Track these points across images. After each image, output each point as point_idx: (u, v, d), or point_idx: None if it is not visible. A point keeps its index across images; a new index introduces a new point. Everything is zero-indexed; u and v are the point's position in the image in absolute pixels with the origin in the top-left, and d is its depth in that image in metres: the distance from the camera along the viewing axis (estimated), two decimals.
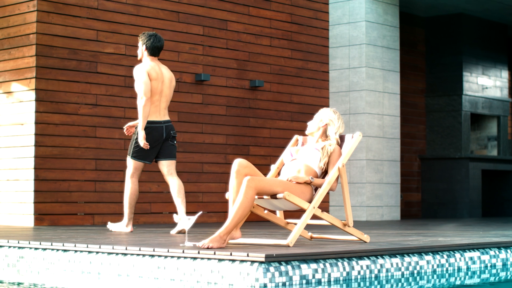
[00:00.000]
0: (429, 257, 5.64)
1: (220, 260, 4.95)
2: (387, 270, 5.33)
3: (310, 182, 5.82)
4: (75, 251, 5.72)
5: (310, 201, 5.82)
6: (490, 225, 9.78)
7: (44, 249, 5.92)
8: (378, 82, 11.89)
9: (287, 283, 4.78)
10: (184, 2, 10.46)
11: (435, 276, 5.58)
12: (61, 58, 9.36)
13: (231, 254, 4.90)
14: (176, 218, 5.86)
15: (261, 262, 4.76)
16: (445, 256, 5.75)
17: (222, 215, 10.44)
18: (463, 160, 13.39)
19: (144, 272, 5.25)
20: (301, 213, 5.80)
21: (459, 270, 5.81)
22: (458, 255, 5.84)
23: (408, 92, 13.64)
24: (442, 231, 8.15)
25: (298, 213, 6.11)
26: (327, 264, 5.03)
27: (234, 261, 4.88)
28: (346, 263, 5.13)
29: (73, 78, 9.44)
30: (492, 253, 6.11)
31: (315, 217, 5.84)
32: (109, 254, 5.52)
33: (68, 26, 9.42)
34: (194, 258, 5.08)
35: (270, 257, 4.77)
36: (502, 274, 5.93)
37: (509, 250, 6.25)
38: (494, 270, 5.99)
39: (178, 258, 5.15)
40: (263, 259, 4.74)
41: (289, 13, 11.60)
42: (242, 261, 4.84)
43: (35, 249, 5.96)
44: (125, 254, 5.44)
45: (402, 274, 5.42)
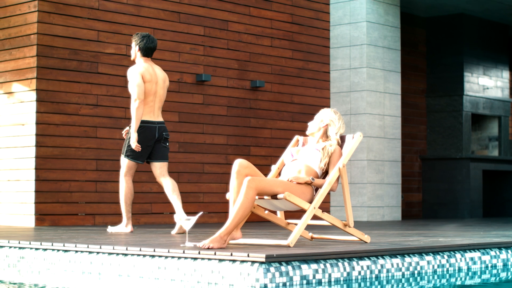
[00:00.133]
0: (429, 257, 5.64)
1: (220, 260, 4.95)
2: (388, 271, 5.33)
3: (311, 183, 5.82)
4: (76, 252, 5.72)
5: (310, 201, 5.82)
6: (491, 225, 9.78)
7: (44, 249, 5.92)
8: (379, 82, 11.89)
9: (288, 284, 4.78)
10: (185, 3, 10.46)
11: (436, 276, 5.58)
12: (62, 59, 9.36)
13: (232, 255, 4.90)
14: (177, 218, 5.86)
15: (261, 263, 4.76)
16: (445, 256, 5.75)
17: (223, 216, 10.43)
18: (464, 160, 13.39)
19: (144, 272, 5.25)
20: (301, 213, 5.80)
21: (460, 270, 5.81)
22: (458, 256, 5.84)
23: (409, 92, 13.64)
24: (443, 232, 8.15)
25: (299, 213, 6.11)
26: (328, 264, 5.03)
27: (234, 261, 4.88)
28: (346, 264, 5.13)
29: (74, 78, 9.44)
30: (492, 253, 6.10)
31: (316, 217, 5.84)
32: (109, 254, 5.52)
33: (69, 27, 9.43)
34: (195, 259, 5.08)
35: (271, 257, 4.77)
36: (503, 275, 5.93)
37: (509, 251, 6.25)
38: (494, 271, 5.98)
39: (179, 258, 5.15)
40: (264, 260, 4.74)
41: (290, 13, 11.60)
42: (242, 261, 4.84)
43: (36, 249, 5.96)
44: (125, 255, 5.44)
45: (403, 275, 5.42)
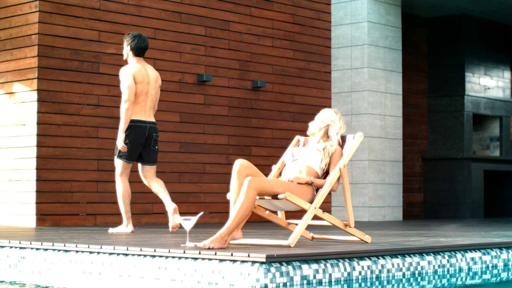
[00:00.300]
0: (430, 257, 5.64)
1: (221, 260, 4.95)
2: (388, 271, 5.33)
3: (311, 183, 5.82)
4: (77, 252, 5.73)
5: (311, 201, 5.82)
6: (491, 225, 9.78)
7: (45, 249, 5.92)
8: (380, 82, 11.88)
9: (288, 284, 4.78)
10: (186, 3, 10.46)
11: (436, 276, 5.57)
12: (63, 59, 9.37)
13: (232, 255, 4.90)
14: (177, 218, 5.86)
15: (262, 263, 4.76)
16: (446, 256, 5.75)
17: (224, 216, 10.43)
18: (465, 160, 13.38)
19: (145, 272, 5.25)
20: (302, 213, 5.80)
21: (461, 270, 5.80)
22: (459, 256, 5.84)
23: (410, 92, 13.63)
24: (444, 232, 8.15)
25: (300, 213, 6.11)
26: (328, 264, 5.03)
27: (235, 261, 4.88)
28: (347, 264, 5.12)
29: (75, 78, 9.45)
30: (493, 253, 6.10)
31: (317, 217, 5.84)
32: (110, 254, 5.53)
33: (70, 27, 9.43)
34: (195, 259, 5.08)
35: (271, 257, 4.77)
36: (504, 275, 5.93)
37: (510, 251, 6.24)
38: (495, 271, 5.98)
39: (179, 258, 5.15)
40: (264, 260, 4.74)
41: (291, 13, 11.60)
42: (243, 261, 4.84)
43: (37, 249, 5.96)
44: (126, 255, 5.44)
45: (403, 275, 5.42)
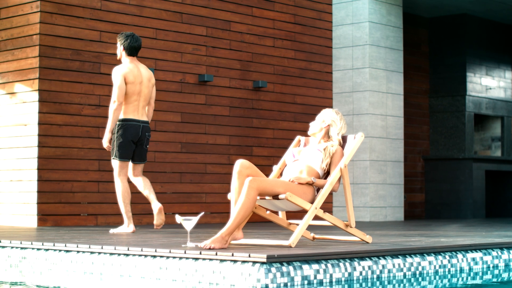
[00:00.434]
0: (431, 257, 5.63)
1: (221, 260, 4.95)
2: (389, 271, 5.33)
3: (312, 183, 5.82)
4: (78, 252, 5.73)
5: (312, 201, 5.82)
6: (493, 225, 9.77)
7: (46, 249, 5.92)
8: (381, 82, 11.88)
9: (289, 284, 4.78)
10: (187, 3, 10.46)
11: (437, 277, 5.57)
12: (64, 59, 9.37)
13: (233, 255, 4.90)
14: (178, 219, 5.86)
15: (262, 263, 4.76)
16: (447, 256, 5.75)
17: (225, 216, 10.42)
18: (467, 160, 13.37)
19: (146, 272, 5.25)
20: (303, 213, 5.80)
21: (461, 271, 5.80)
22: (460, 256, 5.84)
23: (411, 92, 13.63)
24: (445, 232, 8.14)
25: (300, 213, 6.11)
26: (329, 264, 5.02)
27: (235, 261, 4.88)
28: (348, 264, 5.12)
29: (76, 79, 9.45)
30: (494, 253, 6.10)
31: (317, 217, 5.84)
32: (111, 254, 5.53)
33: (71, 27, 9.44)
34: (196, 259, 5.08)
35: (272, 257, 4.77)
36: (505, 275, 5.93)
37: (511, 251, 6.24)
38: (496, 271, 5.98)
39: (180, 258, 5.15)
40: (265, 260, 4.74)
41: (292, 13, 11.60)
42: (243, 261, 4.84)
43: (38, 249, 5.97)
44: (127, 255, 5.44)
45: (404, 275, 5.42)
